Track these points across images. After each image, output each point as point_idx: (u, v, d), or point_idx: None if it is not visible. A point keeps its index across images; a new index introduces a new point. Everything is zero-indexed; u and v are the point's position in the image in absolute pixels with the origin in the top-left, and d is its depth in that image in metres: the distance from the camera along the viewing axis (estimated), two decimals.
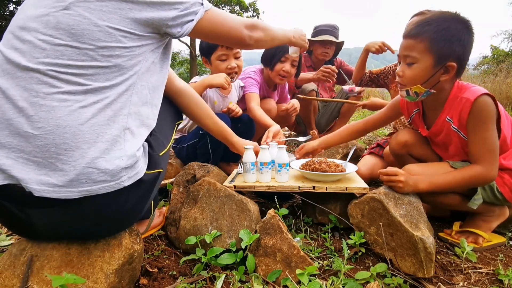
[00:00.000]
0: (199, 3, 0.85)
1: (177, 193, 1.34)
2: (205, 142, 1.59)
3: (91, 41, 0.71)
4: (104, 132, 0.73)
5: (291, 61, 2.02)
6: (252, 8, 15.57)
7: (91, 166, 0.71)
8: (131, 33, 0.75)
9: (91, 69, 0.72)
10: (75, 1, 0.71)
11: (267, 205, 1.49)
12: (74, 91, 0.71)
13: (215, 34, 0.92)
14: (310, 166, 1.29)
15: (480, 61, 13.29)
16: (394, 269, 0.99)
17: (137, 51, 0.77)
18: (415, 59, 1.11)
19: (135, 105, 0.79)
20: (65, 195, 0.70)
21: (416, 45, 1.10)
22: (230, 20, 0.93)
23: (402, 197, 1.08)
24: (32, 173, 0.70)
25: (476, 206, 1.12)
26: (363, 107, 2.10)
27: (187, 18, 0.83)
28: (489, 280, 0.99)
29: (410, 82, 1.14)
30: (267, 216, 1.03)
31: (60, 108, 0.70)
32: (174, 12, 0.80)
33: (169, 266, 1.03)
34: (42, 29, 0.71)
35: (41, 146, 0.69)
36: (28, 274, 0.78)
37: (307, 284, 0.86)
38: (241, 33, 0.96)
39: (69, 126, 0.70)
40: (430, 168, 1.20)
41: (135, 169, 0.78)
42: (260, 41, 1.03)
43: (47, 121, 0.69)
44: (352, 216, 1.14)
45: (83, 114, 0.71)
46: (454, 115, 1.15)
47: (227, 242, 1.05)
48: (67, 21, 0.70)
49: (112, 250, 0.85)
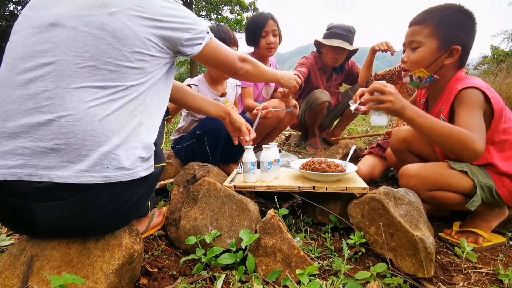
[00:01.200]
0: (206, 31, 1.01)
1: (177, 193, 1.34)
2: (202, 142, 1.59)
3: (130, 45, 0.81)
4: (126, 123, 0.80)
5: (272, 32, 2.16)
6: (252, 8, 15.56)
7: (113, 153, 0.76)
8: (157, 45, 0.88)
9: (125, 68, 0.81)
10: (120, 10, 0.80)
11: (267, 205, 1.49)
12: (107, 86, 0.78)
13: (214, 60, 1.08)
14: (310, 166, 1.30)
15: (480, 61, 13.28)
16: (394, 269, 0.99)
17: (158, 60, 0.90)
18: (420, 43, 1.14)
19: (148, 104, 0.88)
20: (88, 180, 0.74)
21: (421, 30, 1.14)
22: (227, 50, 1.11)
23: (402, 197, 1.08)
24: (54, 161, 0.73)
25: (474, 208, 1.12)
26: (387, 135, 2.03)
27: (197, 42, 0.98)
28: (489, 280, 0.99)
29: (414, 66, 1.16)
30: (267, 216, 1.03)
31: (92, 99, 0.76)
32: (189, 34, 0.95)
33: (169, 266, 1.03)
34: (84, 27, 0.77)
35: (67, 133, 0.73)
36: (28, 274, 0.78)
37: (307, 284, 0.86)
38: (235, 63, 1.14)
39: (98, 115, 0.75)
40: (429, 167, 1.21)
41: (149, 162, 0.86)
42: (249, 73, 1.21)
43: (76, 109, 0.74)
44: (352, 216, 1.14)
45: (111, 106, 0.78)
46: (445, 105, 1.17)
47: (227, 242, 1.05)
48: (112, 24, 0.79)
49: (112, 250, 0.85)
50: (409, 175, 1.19)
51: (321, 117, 2.62)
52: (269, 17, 2.15)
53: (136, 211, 0.93)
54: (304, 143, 2.78)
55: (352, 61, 2.74)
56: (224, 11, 15.86)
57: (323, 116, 2.61)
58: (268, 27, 2.14)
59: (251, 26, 2.20)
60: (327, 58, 2.54)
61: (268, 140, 2.22)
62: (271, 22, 2.14)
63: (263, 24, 2.13)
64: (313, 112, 2.51)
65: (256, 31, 2.15)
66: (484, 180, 1.14)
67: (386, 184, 1.89)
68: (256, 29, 2.15)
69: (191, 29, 0.96)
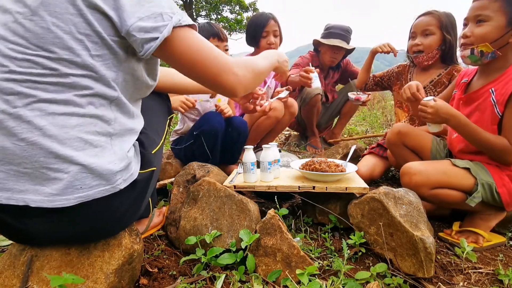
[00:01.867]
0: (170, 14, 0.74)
1: (177, 193, 1.34)
2: (200, 143, 1.59)
3: (61, 49, 0.66)
4: (92, 138, 0.71)
5: (273, 33, 2.16)
6: (252, 8, 15.55)
7: (84, 172, 0.70)
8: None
9: (69, 77, 0.68)
10: (39, 5, 0.65)
11: (267, 205, 1.49)
12: (55, 100, 0.68)
13: (189, 58, 0.76)
14: (310, 166, 1.30)
15: None
16: (394, 269, 0.99)
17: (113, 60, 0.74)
18: (488, 17, 1.12)
19: (116, 111, 0.77)
20: (61, 204, 0.69)
21: (490, 4, 1.12)
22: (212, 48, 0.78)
23: (402, 197, 1.08)
24: (27, 184, 0.68)
25: (474, 204, 1.12)
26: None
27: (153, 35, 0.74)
28: (489, 280, 0.99)
29: (478, 40, 1.16)
30: (267, 216, 1.03)
31: (42, 117, 0.67)
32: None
33: (169, 266, 1.03)
34: (11, 37, 0.66)
35: (29, 157, 0.67)
36: (28, 274, 0.78)
37: (307, 284, 0.86)
38: (228, 65, 0.80)
39: (55, 135, 0.67)
40: (431, 165, 1.21)
41: (129, 171, 0.78)
42: (247, 78, 0.85)
43: (30, 131, 0.66)
44: (352, 216, 1.14)
45: (67, 121, 0.69)
46: (499, 88, 1.15)
47: (227, 242, 1.05)
48: (35, 29, 0.65)
49: (112, 250, 0.85)
50: (411, 173, 1.19)
51: (317, 113, 2.61)
52: (271, 17, 2.15)
53: (130, 216, 0.90)
54: (304, 143, 2.78)
55: (347, 60, 2.80)
56: (224, 11, 15.85)
57: (318, 110, 2.61)
58: (269, 27, 2.14)
59: (252, 26, 2.20)
60: (326, 57, 2.59)
61: (268, 140, 2.22)
62: (272, 22, 2.14)
63: (264, 24, 2.13)
64: (308, 106, 2.51)
65: (257, 30, 2.16)
66: (485, 178, 1.14)
67: (386, 184, 1.89)
68: (257, 28, 2.16)
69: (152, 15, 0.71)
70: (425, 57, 1.73)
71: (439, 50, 1.72)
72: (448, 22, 1.66)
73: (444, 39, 1.69)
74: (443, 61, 1.78)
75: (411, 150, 1.47)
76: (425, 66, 1.80)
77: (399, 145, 1.47)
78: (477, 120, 1.20)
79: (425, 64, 1.77)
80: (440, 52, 1.73)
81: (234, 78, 0.80)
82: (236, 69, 0.80)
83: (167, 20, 0.70)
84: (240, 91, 0.83)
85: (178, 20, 0.72)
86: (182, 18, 0.73)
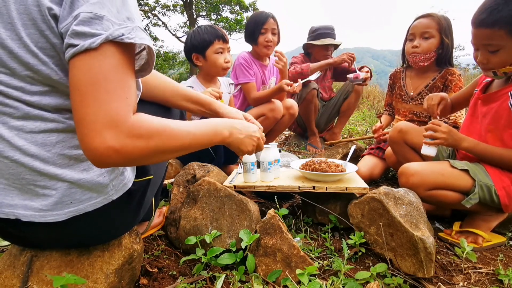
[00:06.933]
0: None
1: (177, 193, 1.34)
2: None
3: (21, 65, 0.59)
4: (77, 153, 0.68)
5: (271, 31, 2.17)
6: (252, 8, 15.55)
7: (73, 187, 0.68)
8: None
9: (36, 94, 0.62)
10: None
11: (267, 205, 1.49)
12: (29, 117, 0.63)
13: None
14: (310, 166, 1.30)
15: None
16: (394, 269, 0.99)
17: None
18: (499, 46, 1.10)
19: None
20: (53, 219, 0.68)
21: (495, 33, 1.09)
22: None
23: (402, 197, 1.08)
24: (16, 199, 0.67)
25: (470, 205, 1.12)
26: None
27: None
28: (489, 280, 0.99)
29: (498, 66, 1.15)
30: (267, 216, 1.03)
31: (20, 136, 0.63)
32: None
33: (169, 266, 1.03)
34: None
35: (15, 174, 0.65)
36: (28, 274, 0.78)
37: (307, 284, 0.86)
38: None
39: (36, 155, 0.64)
40: (430, 166, 1.21)
41: (122, 181, 0.75)
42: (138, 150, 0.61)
43: (12, 150, 0.63)
44: (352, 216, 1.14)
45: (47, 139, 0.64)
46: None
47: (227, 242, 1.05)
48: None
49: (112, 250, 0.85)
50: (409, 173, 1.19)
51: (315, 109, 2.62)
52: (270, 15, 2.17)
53: (131, 222, 0.89)
54: (304, 143, 2.78)
55: None
56: (224, 11, 15.86)
57: (316, 107, 2.62)
58: (268, 25, 2.15)
59: (251, 23, 2.22)
60: (320, 56, 2.67)
61: (268, 140, 2.23)
62: (271, 20, 2.15)
63: (263, 21, 2.14)
64: (305, 102, 2.52)
65: (255, 28, 2.17)
66: (484, 180, 1.14)
67: (386, 184, 1.89)
68: (255, 26, 2.17)
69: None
70: (422, 57, 1.74)
71: (435, 53, 1.74)
72: (446, 26, 1.69)
73: (442, 42, 1.71)
74: (438, 64, 1.79)
75: (413, 149, 1.47)
76: (421, 67, 1.80)
77: (400, 143, 1.47)
78: (492, 121, 1.20)
79: (421, 65, 1.77)
80: (436, 55, 1.75)
81: (99, 144, 0.55)
82: (113, 134, 0.55)
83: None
84: (106, 164, 0.59)
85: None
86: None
